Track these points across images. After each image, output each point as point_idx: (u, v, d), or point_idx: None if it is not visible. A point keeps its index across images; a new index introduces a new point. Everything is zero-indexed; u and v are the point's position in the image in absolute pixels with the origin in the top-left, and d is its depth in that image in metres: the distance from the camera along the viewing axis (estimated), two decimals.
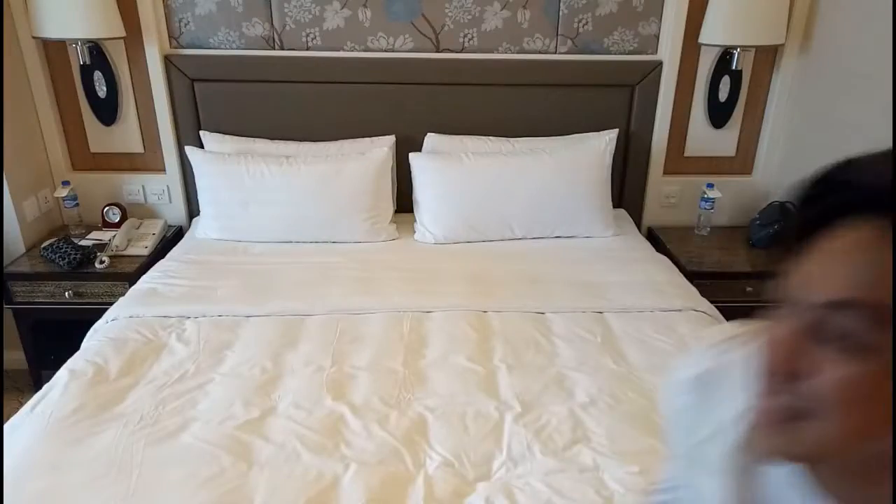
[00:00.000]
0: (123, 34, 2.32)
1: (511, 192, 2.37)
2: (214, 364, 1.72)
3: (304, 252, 2.33)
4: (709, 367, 0.61)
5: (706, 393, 0.60)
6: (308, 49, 2.48)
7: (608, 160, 2.44)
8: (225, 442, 1.42)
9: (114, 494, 1.27)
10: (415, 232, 2.46)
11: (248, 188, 2.36)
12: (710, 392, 0.60)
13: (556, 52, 2.50)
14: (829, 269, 0.43)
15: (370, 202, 2.40)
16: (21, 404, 1.57)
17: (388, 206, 2.48)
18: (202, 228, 2.46)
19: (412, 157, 2.46)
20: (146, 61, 2.43)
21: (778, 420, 0.46)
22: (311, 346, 1.80)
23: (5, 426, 1.47)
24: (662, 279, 2.15)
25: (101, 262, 2.30)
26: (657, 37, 2.50)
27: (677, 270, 2.25)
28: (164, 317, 1.91)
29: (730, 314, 2.02)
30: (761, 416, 0.48)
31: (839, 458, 0.47)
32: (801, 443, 0.45)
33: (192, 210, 2.67)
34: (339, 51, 2.48)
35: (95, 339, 1.84)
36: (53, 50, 2.42)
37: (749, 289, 2.35)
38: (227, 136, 2.51)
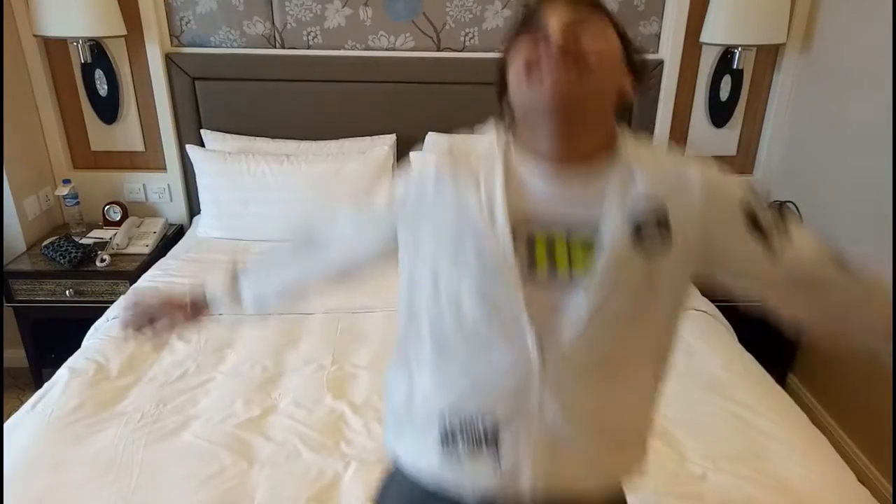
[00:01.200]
0: (124, 32, 2.32)
1: None
2: (215, 362, 1.72)
3: None
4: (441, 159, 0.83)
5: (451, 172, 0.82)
6: (309, 48, 2.48)
7: None
8: (226, 440, 1.43)
9: (114, 493, 1.28)
10: None
11: (249, 187, 2.36)
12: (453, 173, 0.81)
13: None
14: (564, 11, 0.72)
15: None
16: (21, 402, 1.58)
17: None
18: (203, 227, 2.46)
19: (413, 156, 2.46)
20: (147, 60, 2.43)
21: (559, 79, 0.70)
22: (311, 345, 1.80)
23: (6, 424, 1.47)
24: None
25: (102, 260, 2.30)
26: (658, 36, 2.50)
27: None
28: None
29: (730, 313, 2.02)
30: (526, 74, 0.72)
31: (593, 105, 0.73)
32: (572, 85, 0.70)
33: (193, 208, 2.67)
34: (340, 49, 2.48)
35: (96, 337, 1.85)
36: (54, 48, 2.42)
37: None
38: (227, 135, 2.51)
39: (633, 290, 0.76)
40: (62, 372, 1.65)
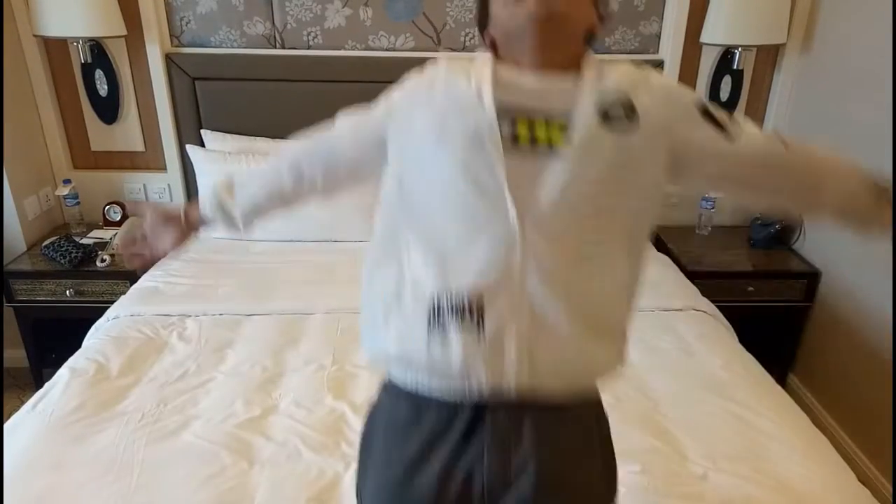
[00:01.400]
0: (125, 32, 2.32)
1: None
2: (216, 362, 1.72)
3: (305, 250, 2.33)
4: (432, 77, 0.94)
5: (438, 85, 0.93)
6: (309, 48, 2.48)
7: None
8: (226, 440, 1.43)
9: (115, 493, 1.28)
10: None
11: None
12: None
13: None
14: None
15: (371, 200, 2.39)
16: (22, 402, 1.58)
17: None
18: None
19: None
20: (147, 60, 2.43)
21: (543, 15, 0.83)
22: (311, 345, 1.80)
23: (6, 424, 1.47)
24: (663, 279, 2.15)
25: (103, 260, 2.30)
26: (658, 36, 2.50)
27: (678, 270, 2.25)
28: (166, 315, 1.91)
29: (730, 314, 2.03)
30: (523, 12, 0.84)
31: (569, 23, 0.85)
32: (554, 2, 0.83)
33: None
34: (340, 49, 2.48)
35: (96, 337, 1.85)
36: (54, 48, 2.42)
37: (750, 288, 2.35)
38: (228, 135, 2.51)
39: (607, 161, 0.84)
40: (62, 372, 1.65)
